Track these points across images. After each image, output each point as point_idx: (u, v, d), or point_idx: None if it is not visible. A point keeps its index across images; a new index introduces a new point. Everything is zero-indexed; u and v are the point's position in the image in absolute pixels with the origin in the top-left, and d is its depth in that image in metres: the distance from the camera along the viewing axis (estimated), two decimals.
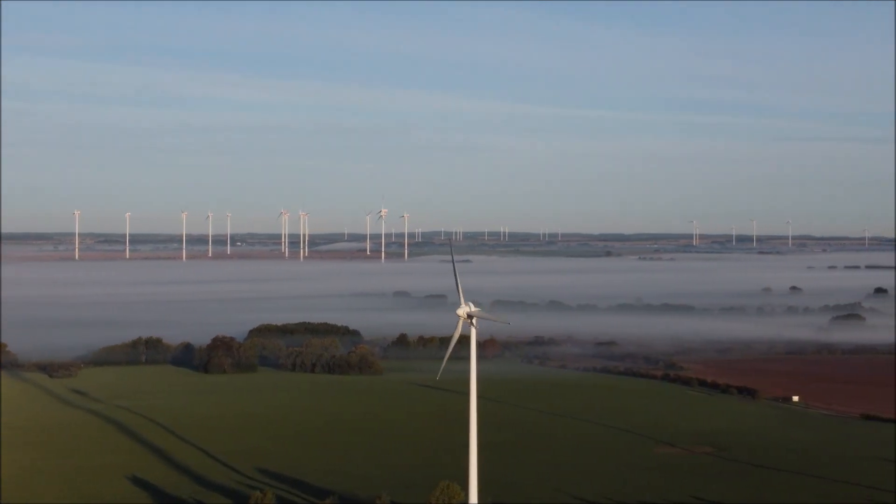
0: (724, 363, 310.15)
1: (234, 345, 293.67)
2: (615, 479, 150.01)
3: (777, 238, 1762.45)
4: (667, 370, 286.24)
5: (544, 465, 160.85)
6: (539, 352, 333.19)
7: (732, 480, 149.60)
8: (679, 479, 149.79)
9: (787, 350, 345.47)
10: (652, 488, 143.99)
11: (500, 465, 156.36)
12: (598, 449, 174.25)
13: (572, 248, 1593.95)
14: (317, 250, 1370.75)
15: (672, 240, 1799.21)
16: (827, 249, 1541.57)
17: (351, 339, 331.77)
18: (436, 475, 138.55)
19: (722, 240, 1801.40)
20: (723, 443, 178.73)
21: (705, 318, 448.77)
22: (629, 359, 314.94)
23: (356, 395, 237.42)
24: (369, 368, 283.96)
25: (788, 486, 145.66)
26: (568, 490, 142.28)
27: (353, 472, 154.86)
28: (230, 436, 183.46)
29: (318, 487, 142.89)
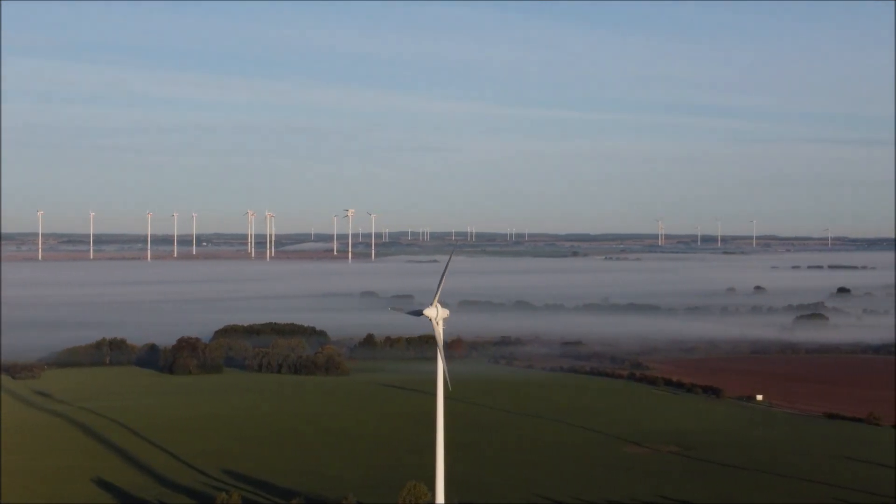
0: (690, 362, 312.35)
1: (200, 346, 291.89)
2: (582, 479, 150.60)
3: (741, 238, 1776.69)
4: (633, 370, 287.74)
5: (511, 464, 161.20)
6: (506, 352, 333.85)
7: (698, 479, 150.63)
8: (645, 479, 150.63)
9: (751, 349, 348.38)
10: (619, 487, 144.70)
11: (468, 466, 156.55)
12: (565, 448, 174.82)
13: (539, 249, 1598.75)
14: (283, 250, 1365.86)
15: (638, 240, 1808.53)
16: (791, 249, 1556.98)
17: (318, 339, 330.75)
18: (403, 475, 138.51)
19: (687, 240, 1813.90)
20: (688, 442, 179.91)
21: (671, 318, 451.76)
22: (595, 358, 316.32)
23: (323, 395, 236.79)
24: (336, 369, 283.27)
25: (753, 485, 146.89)
26: (535, 490, 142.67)
27: (319, 472, 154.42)
28: (196, 437, 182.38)
29: (285, 488, 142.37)
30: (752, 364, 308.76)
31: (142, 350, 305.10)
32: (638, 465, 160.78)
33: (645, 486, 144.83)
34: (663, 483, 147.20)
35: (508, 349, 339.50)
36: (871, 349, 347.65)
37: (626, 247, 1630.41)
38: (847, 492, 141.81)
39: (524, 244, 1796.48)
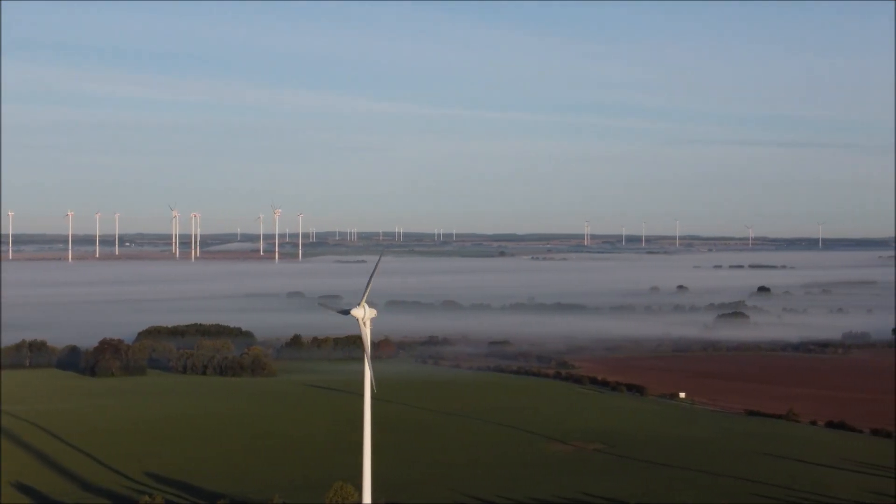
0: (614, 361, 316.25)
1: (123, 347, 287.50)
2: (507, 477, 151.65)
3: (665, 238, 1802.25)
4: (559, 368, 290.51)
5: (438, 464, 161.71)
6: (433, 351, 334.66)
7: (622, 477, 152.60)
8: (570, 476, 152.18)
9: (674, 348, 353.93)
10: (543, 485, 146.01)
11: (395, 466, 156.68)
12: (490, 447, 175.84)
13: (467, 249, 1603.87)
14: (208, 251, 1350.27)
15: (564, 240, 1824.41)
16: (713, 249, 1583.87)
17: (244, 340, 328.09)
18: (330, 476, 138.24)
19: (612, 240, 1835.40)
20: (612, 439, 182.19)
21: (596, 317, 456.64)
22: (522, 358, 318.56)
23: (249, 396, 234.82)
24: (262, 370, 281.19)
25: (676, 482, 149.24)
26: (461, 489, 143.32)
27: (245, 474, 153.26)
28: (118, 440, 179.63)
29: (210, 491, 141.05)
30: (675, 362, 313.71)
31: (63, 352, 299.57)
32: (562, 463, 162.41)
33: (569, 484, 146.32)
34: (587, 480, 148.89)
35: (436, 349, 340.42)
36: (791, 347, 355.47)
37: (552, 247, 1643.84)
38: (767, 488, 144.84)
39: (452, 244, 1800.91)
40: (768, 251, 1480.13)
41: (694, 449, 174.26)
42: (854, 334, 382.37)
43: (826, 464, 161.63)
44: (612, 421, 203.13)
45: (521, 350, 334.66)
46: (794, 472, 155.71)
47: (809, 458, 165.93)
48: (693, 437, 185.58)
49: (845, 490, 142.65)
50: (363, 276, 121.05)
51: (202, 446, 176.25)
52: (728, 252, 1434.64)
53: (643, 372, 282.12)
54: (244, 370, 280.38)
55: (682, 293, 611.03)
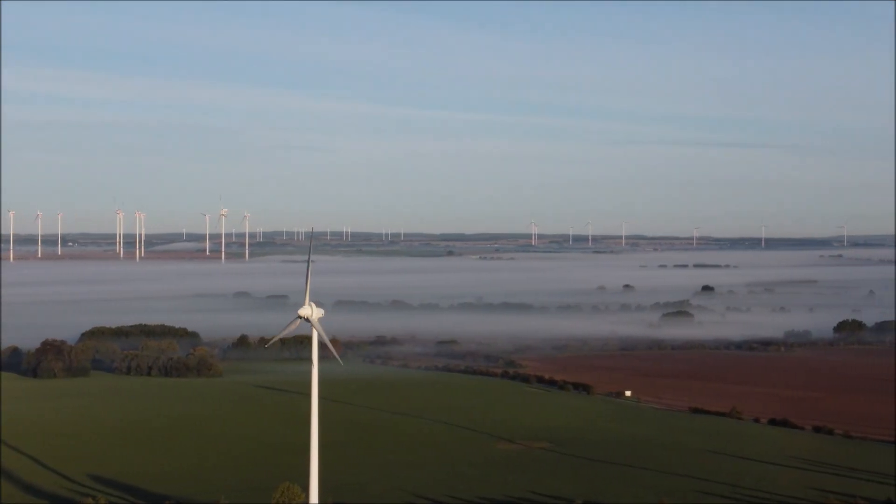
0: (561, 360, 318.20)
1: (66, 348, 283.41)
2: (455, 476, 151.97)
3: (611, 238, 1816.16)
4: (506, 368, 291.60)
5: (386, 464, 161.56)
6: (381, 351, 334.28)
7: (569, 475, 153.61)
8: (517, 475, 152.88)
9: (620, 346, 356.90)
10: (491, 484, 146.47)
11: (342, 466, 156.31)
12: (438, 446, 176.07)
13: (414, 248, 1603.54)
14: (154, 251, 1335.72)
15: (512, 239, 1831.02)
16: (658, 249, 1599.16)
17: (189, 340, 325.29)
18: (277, 477, 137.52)
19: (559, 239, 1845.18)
20: (559, 438, 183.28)
21: (543, 316, 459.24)
22: (470, 357, 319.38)
23: (194, 397, 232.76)
24: (208, 370, 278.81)
25: (622, 479, 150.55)
26: (409, 488, 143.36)
27: (190, 476, 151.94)
28: (61, 442, 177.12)
29: (154, 493, 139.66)
30: (621, 361, 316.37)
31: (4, 353, 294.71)
32: (510, 462, 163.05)
33: (517, 483, 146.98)
34: (535, 479, 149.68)
35: (384, 349, 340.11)
36: (734, 345, 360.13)
37: (500, 246, 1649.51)
38: (711, 485, 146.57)
39: (400, 244, 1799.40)
40: (712, 251, 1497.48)
41: (639, 447, 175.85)
42: (796, 333, 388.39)
43: (769, 461, 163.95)
44: (559, 419, 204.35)
45: (469, 349, 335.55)
46: (738, 469, 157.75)
47: (753, 456, 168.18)
48: (638, 435, 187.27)
49: (788, 487, 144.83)
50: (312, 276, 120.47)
51: (147, 448, 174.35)
52: (673, 252, 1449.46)
53: (590, 370, 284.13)
54: (190, 371, 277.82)
55: (628, 292, 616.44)
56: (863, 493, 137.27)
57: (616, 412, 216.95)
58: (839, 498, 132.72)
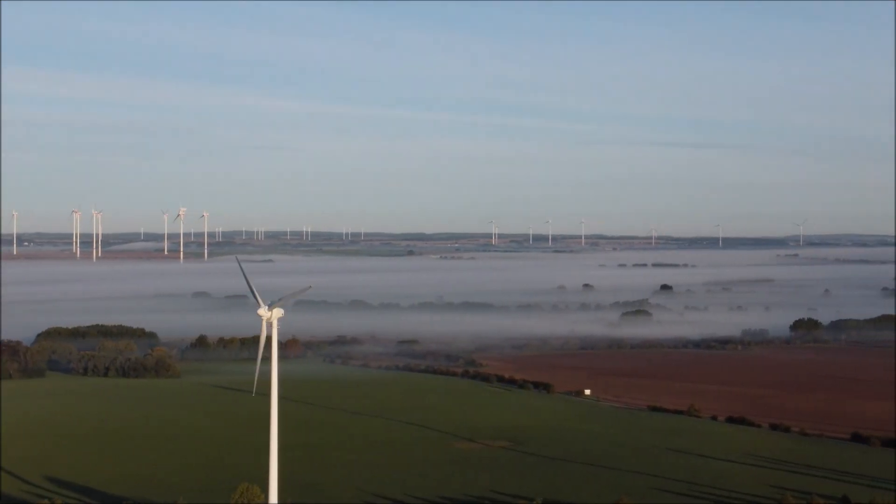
0: (521, 359, 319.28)
1: (21, 349, 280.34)
2: (415, 476, 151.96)
3: (571, 237, 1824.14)
4: (467, 367, 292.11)
5: (345, 464, 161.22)
6: (341, 351, 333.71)
7: (529, 473, 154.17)
8: (477, 474, 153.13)
9: (580, 345, 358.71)
10: (451, 483, 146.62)
11: (302, 466, 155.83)
12: (398, 446, 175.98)
13: (375, 248, 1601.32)
14: (111, 251, 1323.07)
15: (472, 239, 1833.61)
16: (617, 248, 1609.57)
17: (147, 341, 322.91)
18: (236, 478, 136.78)
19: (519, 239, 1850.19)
20: (519, 437, 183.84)
21: (503, 316, 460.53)
22: (430, 356, 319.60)
23: (153, 398, 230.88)
24: (166, 371, 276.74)
25: (581, 478, 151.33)
26: (368, 488, 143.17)
27: (148, 477, 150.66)
28: (17, 443, 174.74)
29: (112, 495, 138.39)
30: (581, 360, 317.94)
31: None
32: (470, 461, 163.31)
33: (477, 482, 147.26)
34: (495, 478, 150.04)
35: (344, 348, 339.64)
36: (692, 344, 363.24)
37: (460, 246, 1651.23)
38: (669, 482, 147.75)
39: (360, 243, 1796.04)
40: (671, 250, 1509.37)
41: (598, 445, 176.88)
42: (753, 331, 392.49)
43: (726, 458, 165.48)
44: (519, 418, 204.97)
45: (430, 349, 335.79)
46: (696, 466, 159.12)
47: (710, 453, 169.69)
48: (598, 434, 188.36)
49: (745, 484, 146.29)
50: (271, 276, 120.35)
51: (104, 449, 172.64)
52: (632, 251, 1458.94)
53: (550, 369, 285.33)
54: (147, 371, 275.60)
55: (588, 292, 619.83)
56: (819, 490, 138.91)
57: (576, 411, 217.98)
58: (795, 495, 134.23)
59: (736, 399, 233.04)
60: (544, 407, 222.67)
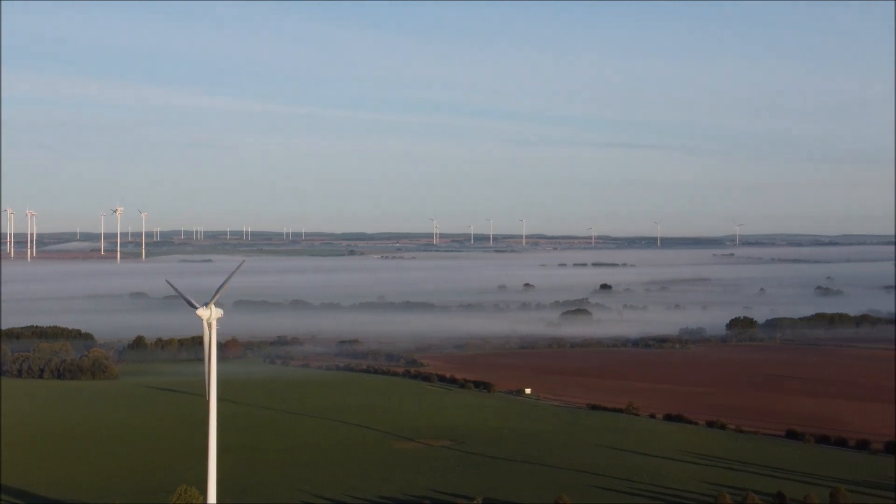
0: (462, 358, 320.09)
1: None
2: (355, 476, 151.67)
3: (512, 237, 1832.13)
4: (408, 367, 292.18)
5: (285, 464, 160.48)
6: (282, 351, 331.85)
7: (469, 473, 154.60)
8: (417, 474, 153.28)
9: (520, 344, 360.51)
10: (391, 483, 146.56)
11: (241, 467, 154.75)
12: (338, 446, 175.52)
13: (316, 248, 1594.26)
14: (46, 251, 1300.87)
15: (413, 239, 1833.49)
16: (558, 248, 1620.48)
17: (83, 342, 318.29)
18: (174, 480, 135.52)
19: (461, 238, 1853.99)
20: (460, 436, 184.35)
21: (444, 315, 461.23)
22: (371, 356, 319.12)
23: (89, 400, 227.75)
24: (103, 373, 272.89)
25: (521, 476, 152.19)
26: (309, 489, 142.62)
27: (85, 480, 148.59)
28: None
29: (47, 498, 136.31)
30: (521, 359, 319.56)
31: None
32: (410, 461, 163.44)
33: (417, 481, 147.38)
34: (435, 477, 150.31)
35: (285, 349, 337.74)
36: (631, 342, 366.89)
37: (401, 246, 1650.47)
38: (608, 480, 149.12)
39: (301, 243, 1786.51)
40: (610, 250, 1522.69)
41: (538, 443, 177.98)
42: (690, 330, 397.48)
43: (664, 455, 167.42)
44: (459, 418, 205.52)
45: (371, 349, 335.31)
46: (634, 464, 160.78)
47: (648, 450, 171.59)
48: (538, 432, 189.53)
49: (682, 481, 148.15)
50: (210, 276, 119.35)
51: (40, 452, 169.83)
52: (572, 250, 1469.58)
53: (490, 369, 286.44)
54: (84, 373, 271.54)
55: (529, 291, 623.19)
56: (754, 486, 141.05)
57: (516, 409, 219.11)
58: (731, 492, 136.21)
59: (673, 397, 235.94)
60: (485, 406, 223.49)
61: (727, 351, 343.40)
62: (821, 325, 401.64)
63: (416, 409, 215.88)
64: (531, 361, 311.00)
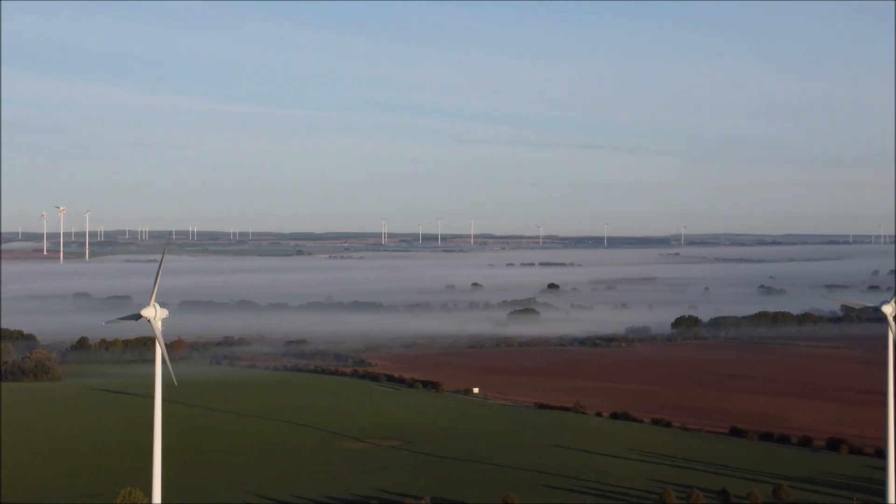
0: (411, 358, 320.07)
1: None
2: (303, 477, 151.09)
3: (460, 237, 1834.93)
4: (356, 366, 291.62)
5: (231, 465, 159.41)
6: (228, 352, 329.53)
7: (417, 472, 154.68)
8: (365, 474, 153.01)
9: (468, 344, 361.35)
10: (338, 483, 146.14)
11: (186, 469, 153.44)
12: (285, 447, 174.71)
13: (263, 248, 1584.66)
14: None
15: (362, 238, 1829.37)
16: (506, 247, 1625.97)
17: (25, 343, 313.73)
18: (119, 481, 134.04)
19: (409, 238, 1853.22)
20: (408, 436, 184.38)
21: (393, 315, 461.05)
22: (319, 356, 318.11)
23: (31, 402, 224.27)
24: (46, 374, 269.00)
25: (469, 475, 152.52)
26: (256, 490, 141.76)
27: (28, 483, 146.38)
28: None
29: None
30: (470, 358, 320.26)
31: None
32: (358, 461, 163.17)
33: (364, 481, 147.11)
34: (382, 477, 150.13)
35: (231, 349, 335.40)
36: (578, 341, 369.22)
37: (350, 245, 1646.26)
38: (555, 478, 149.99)
39: (248, 243, 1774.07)
40: (557, 249, 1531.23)
41: (486, 442, 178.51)
42: (636, 329, 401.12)
43: (610, 454, 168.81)
44: (407, 417, 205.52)
45: (319, 349, 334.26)
46: (581, 462, 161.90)
47: (595, 449, 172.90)
48: (485, 431, 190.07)
49: (628, 478, 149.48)
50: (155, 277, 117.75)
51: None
52: (520, 250, 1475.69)
53: (438, 368, 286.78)
54: (26, 374, 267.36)
55: (477, 291, 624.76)
56: (699, 483, 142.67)
57: (464, 409, 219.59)
58: (676, 489, 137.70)
59: (620, 395, 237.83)
60: (433, 405, 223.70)
61: (672, 350, 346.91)
62: (764, 323, 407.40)
63: (364, 410, 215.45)
64: (479, 361, 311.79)
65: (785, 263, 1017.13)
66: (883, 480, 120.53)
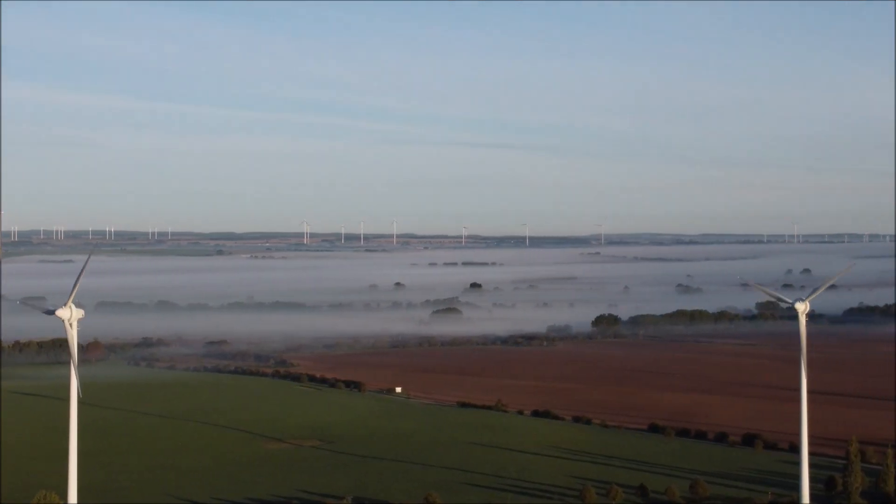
0: (333, 358, 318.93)
1: None
2: (223, 478, 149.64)
3: (383, 236, 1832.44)
4: (277, 367, 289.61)
5: (149, 467, 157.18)
6: (147, 353, 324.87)
7: (339, 472, 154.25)
8: (286, 474, 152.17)
9: (391, 343, 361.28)
10: (260, 485, 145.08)
11: (103, 471, 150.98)
12: (206, 448, 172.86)
13: (183, 248, 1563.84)
14: None
15: (284, 238, 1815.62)
16: (428, 247, 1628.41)
17: None
18: (34, 485, 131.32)
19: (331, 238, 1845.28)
20: (330, 435, 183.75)
21: (315, 315, 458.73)
22: (240, 357, 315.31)
23: None
24: None
25: (391, 474, 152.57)
26: (176, 493, 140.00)
27: None
28: None
29: None
30: (392, 358, 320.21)
31: None
32: (279, 461, 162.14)
33: (286, 482, 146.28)
34: (304, 477, 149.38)
35: (150, 350, 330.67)
36: (500, 340, 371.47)
37: (271, 245, 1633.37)
38: (476, 476, 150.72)
39: (167, 243, 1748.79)
40: (480, 249, 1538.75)
41: (408, 441, 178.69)
42: (557, 327, 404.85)
43: (531, 451, 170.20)
44: (329, 417, 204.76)
45: (240, 349, 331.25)
46: (502, 459, 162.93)
47: (516, 446, 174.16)
48: (407, 430, 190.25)
49: (548, 475, 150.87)
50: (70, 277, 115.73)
51: None
52: (443, 250, 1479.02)
53: (361, 368, 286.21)
54: None
55: (400, 290, 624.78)
56: (618, 479, 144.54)
57: (386, 408, 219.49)
58: (596, 485, 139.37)
59: (541, 393, 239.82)
60: (355, 405, 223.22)
61: (592, 347, 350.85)
62: (681, 321, 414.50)
63: (285, 410, 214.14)
64: (402, 360, 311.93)
65: (702, 262, 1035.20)
66: (797, 475, 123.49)
